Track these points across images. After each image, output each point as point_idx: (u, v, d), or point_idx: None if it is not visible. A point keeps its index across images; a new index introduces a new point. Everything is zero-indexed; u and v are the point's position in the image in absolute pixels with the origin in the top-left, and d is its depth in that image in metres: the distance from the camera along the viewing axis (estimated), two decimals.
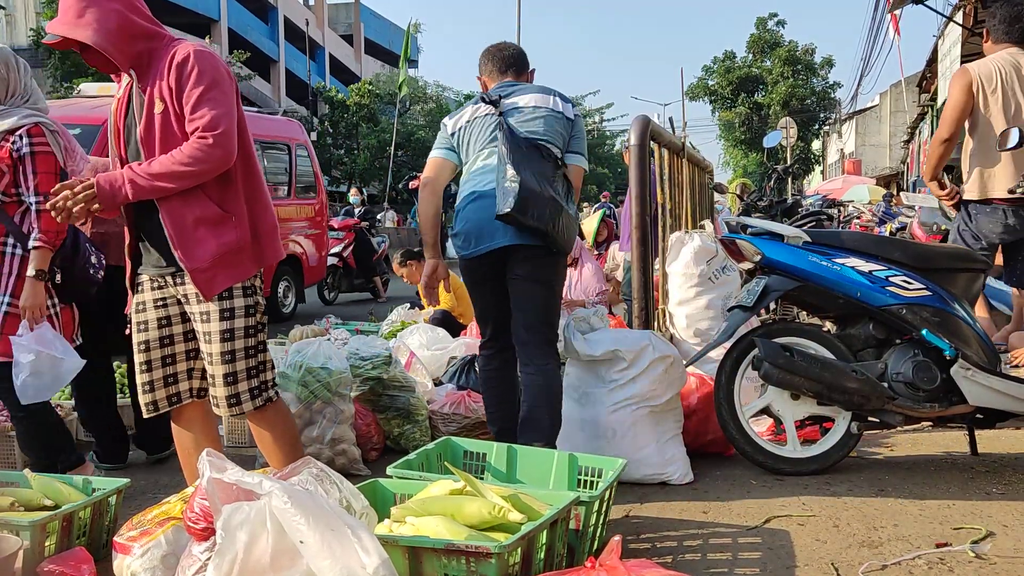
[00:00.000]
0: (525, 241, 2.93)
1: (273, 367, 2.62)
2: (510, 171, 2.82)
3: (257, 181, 2.58)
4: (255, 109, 9.07)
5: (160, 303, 2.56)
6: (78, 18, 2.36)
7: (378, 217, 22.52)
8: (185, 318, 2.57)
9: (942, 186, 4.12)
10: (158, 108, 2.42)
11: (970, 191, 3.99)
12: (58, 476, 2.77)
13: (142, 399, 2.58)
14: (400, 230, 22.52)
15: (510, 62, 3.27)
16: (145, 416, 2.62)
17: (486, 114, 3.09)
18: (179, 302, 2.55)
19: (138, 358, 2.57)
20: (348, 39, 46.13)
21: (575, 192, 3.07)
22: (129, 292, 2.62)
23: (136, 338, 2.58)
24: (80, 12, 2.36)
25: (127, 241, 2.60)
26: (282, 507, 1.68)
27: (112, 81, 3.16)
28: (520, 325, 3.04)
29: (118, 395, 3.86)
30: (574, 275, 7.57)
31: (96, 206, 2.38)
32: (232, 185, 2.49)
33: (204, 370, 2.60)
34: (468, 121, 3.13)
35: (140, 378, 2.57)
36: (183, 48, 2.43)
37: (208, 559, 1.84)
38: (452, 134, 3.17)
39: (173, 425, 2.68)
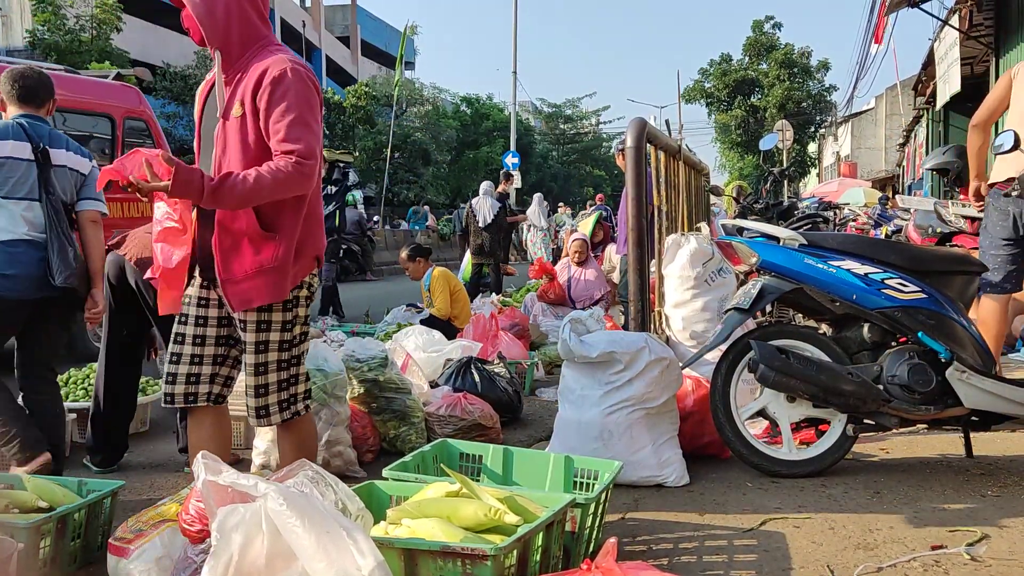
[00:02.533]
0: None
1: (307, 379, 2.63)
2: None
3: (315, 199, 2.54)
4: (61, 68, 7.01)
5: (203, 302, 2.55)
6: None
7: (375, 219, 22.59)
8: (222, 323, 2.56)
9: (979, 197, 4.09)
10: (236, 111, 2.40)
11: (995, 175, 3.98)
12: (53, 478, 2.76)
13: (163, 387, 2.58)
14: (395, 232, 22.55)
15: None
16: (163, 405, 2.61)
17: None
18: (221, 304, 2.53)
19: (171, 347, 2.57)
20: (345, 41, 46.13)
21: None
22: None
23: (175, 327, 2.57)
24: None
25: (191, 234, 2.56)
26: (277, 509, 1.68)
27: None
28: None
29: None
30: (576, 275, 7.60)
31: (162, 184, 2.25)
32: (286, 202, 2.44)
33: (228, 377, 2.63)
34: None
35: (167, 367, 2.56)
36: (280, 62, 2.38)
37: (203, 561, 1.83)
38: None
39: (189, 419, 2.65)
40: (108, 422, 3.63)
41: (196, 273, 2.55)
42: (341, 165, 9.89)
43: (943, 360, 3.23)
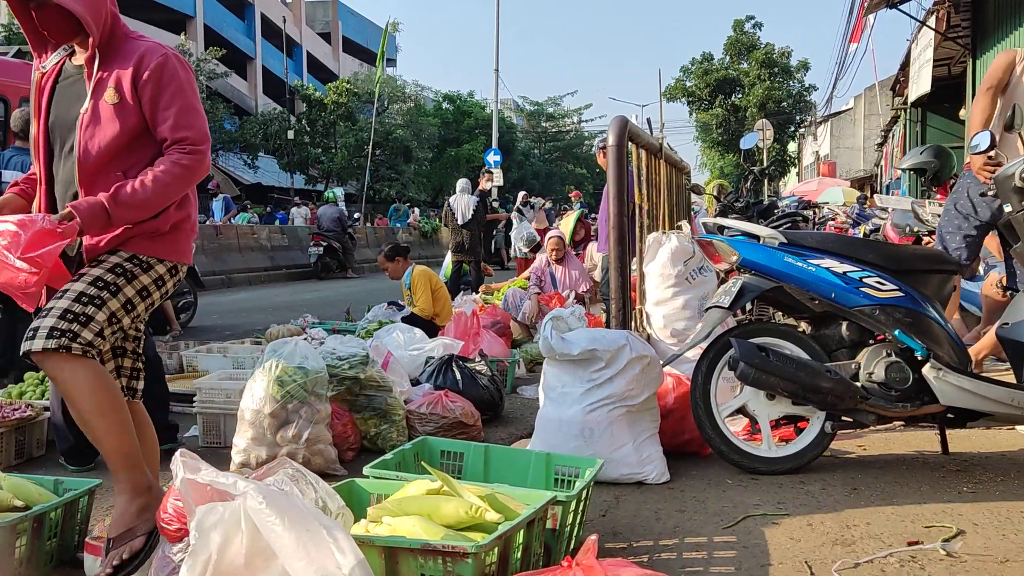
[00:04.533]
0: None
1: (102, 338, 2.25)
2: None
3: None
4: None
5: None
6: None
7: (356, 216, 22.49)
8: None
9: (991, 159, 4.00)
10: (111, 98, 2.31)
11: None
12: (29, 477, 2.73)
13: None
14: (377, 229, 22.46)
15: None
16: None
17: None
18: None
19: None
20: (326, 37, 45.91)
21: None
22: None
23: None
24: None
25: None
26: (257, 508, 1.67)
27: None
28: None
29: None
30: (559, 272, 7.62)
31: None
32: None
33: (133, 369, 2.53)
34: None
35: None
36: (156, 48, 2.35)
37: (182, 560, 1.81)
38: None
39: None
40: None
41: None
42: None
43: (920, 358, 3.27)
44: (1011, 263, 4.03)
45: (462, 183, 10.63)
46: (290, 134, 29.46)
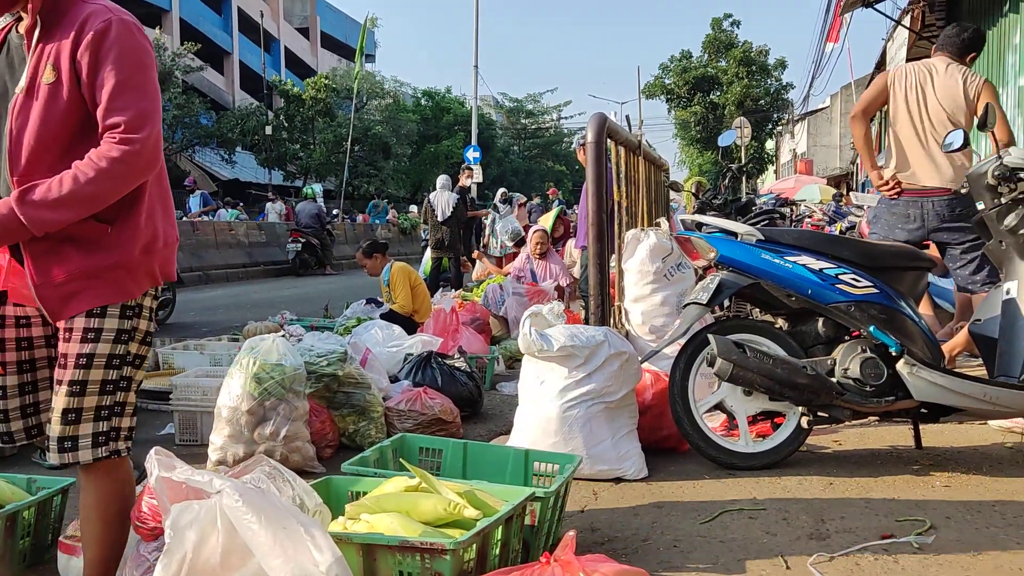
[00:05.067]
0: None
1: (135, 413, 2.06)
2: None
3: (162, 180, 2.06)
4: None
5: (23, 321, 2.02)
6: None
7: (335, 212, 22.36)
8: (51, 341, 2.04)
9: (880, 177, 4.47)
10: (47, 77, 1.88)
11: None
12: (2, 475, 2.69)
13: None
14: (355, 225, 22.36)
15: None
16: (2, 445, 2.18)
17: None
18: (46, 322, 2.02)
19: None
20: (304, 32, 45.56)
21: None
22: None
23: None
24: None
25: None
26: (233, 505, 1.66)
27: None
28: None
29: None
30: (539, 267, 7.63)
31: None
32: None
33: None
34: None
35: None
36: (101, 12, 1.89)
37: (157, 559, 1.80)
38: None
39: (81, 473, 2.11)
40: None
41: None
42: None
43: (894, 353, 3.30)
44: (986, 259, 4.10)
45: (442, 179, 10.61)
46: (268, 130, 29.23)
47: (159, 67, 25.06)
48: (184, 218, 16.20)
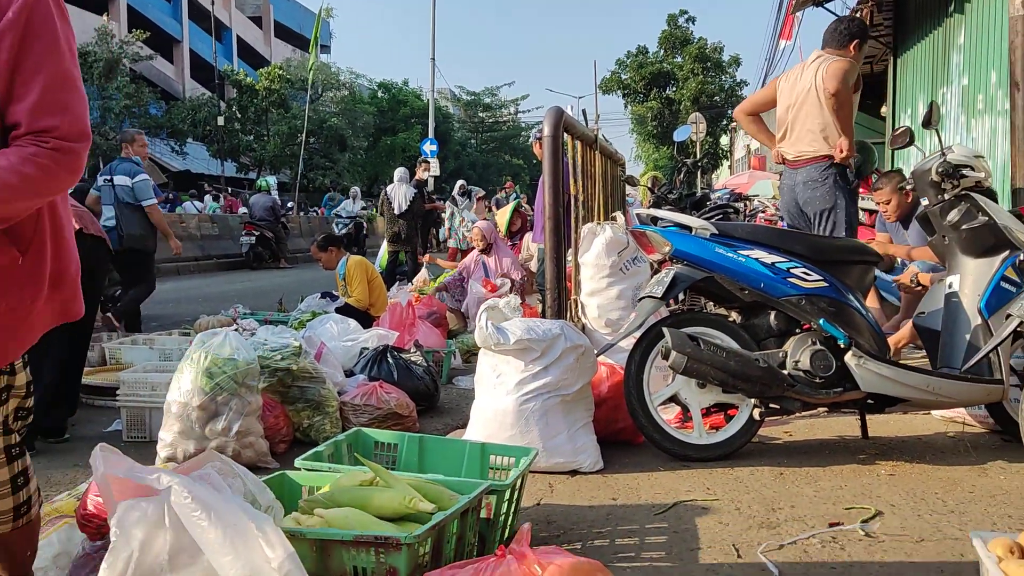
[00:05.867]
0: None
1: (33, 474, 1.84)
2: None
3: (63, 200, 1.72)
4: None
5: None
6: None
7: (289, 205, 22.06)
8: None
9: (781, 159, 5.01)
10: None
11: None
12: None
13: None
14: (310, 219, 22.10)
15: None
16: None
17: None
18: None
19: None
20: (257, 21, 44.82)
21: None
22: None
23: None
24: None
25: None
26: (181, 503, 1.62)
27: None
28: None
29: None
30: (490, 262, 7.61)
31: None
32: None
33: None
34: None
35: None
36: None
37: (102, 558, 1.75)
38: None
39: None
40: (52, 391, 3.59)
41: None
42: None
43: (842, 346, 3.37)
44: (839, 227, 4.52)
45: (400, 172, 10.53)
46: (220, 120, 28.70)
47: (107, 55, 24.61)
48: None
